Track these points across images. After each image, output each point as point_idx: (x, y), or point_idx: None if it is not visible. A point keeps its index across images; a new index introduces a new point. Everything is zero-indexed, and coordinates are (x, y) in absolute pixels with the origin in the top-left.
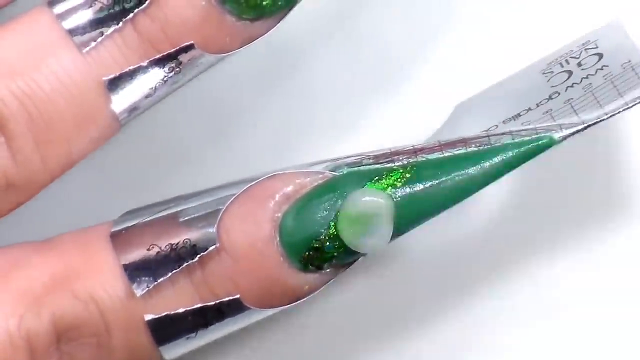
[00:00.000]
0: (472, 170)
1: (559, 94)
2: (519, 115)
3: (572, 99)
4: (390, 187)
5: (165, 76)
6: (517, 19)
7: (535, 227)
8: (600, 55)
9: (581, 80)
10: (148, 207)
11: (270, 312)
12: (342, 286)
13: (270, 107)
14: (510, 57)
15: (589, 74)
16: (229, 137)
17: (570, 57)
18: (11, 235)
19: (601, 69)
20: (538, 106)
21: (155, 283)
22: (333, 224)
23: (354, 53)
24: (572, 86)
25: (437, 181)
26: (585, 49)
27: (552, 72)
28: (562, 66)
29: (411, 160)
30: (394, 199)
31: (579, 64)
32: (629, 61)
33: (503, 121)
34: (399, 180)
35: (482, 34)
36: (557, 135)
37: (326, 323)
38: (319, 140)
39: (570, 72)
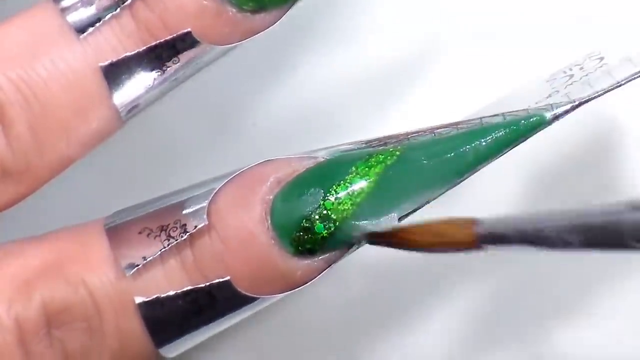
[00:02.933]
0: (463, 149)
1: (559, 91)
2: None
3: (570, 92)
4: (380, 165)
5: (163, 67)
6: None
7: None
8: (602, 58)
9: (580, 78)
10: (142, 204)
11: (264, 302)
12: (340, 285)
13: (270, 106)
14: (515, 69)
15: (589, 73)
16: (229, 136)
17: (575, 66)
18: (11, 235)
19: (601, 66)
20: (537, 104)
21: (145, 261)
22: (323, 203)
23: (356, 53)
24: (571, 84)
25: (427, 159)
26: (590, 58)
27: (555, 79)
28: (565, 72)
29: (403, 141)
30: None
31: (581, 68)
32: (630, 57)
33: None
34: (388, 157)
35: (486, 40)
36: (548, 114)
37: (323, 322)
38: (319, 140)
39: (571, 75)
